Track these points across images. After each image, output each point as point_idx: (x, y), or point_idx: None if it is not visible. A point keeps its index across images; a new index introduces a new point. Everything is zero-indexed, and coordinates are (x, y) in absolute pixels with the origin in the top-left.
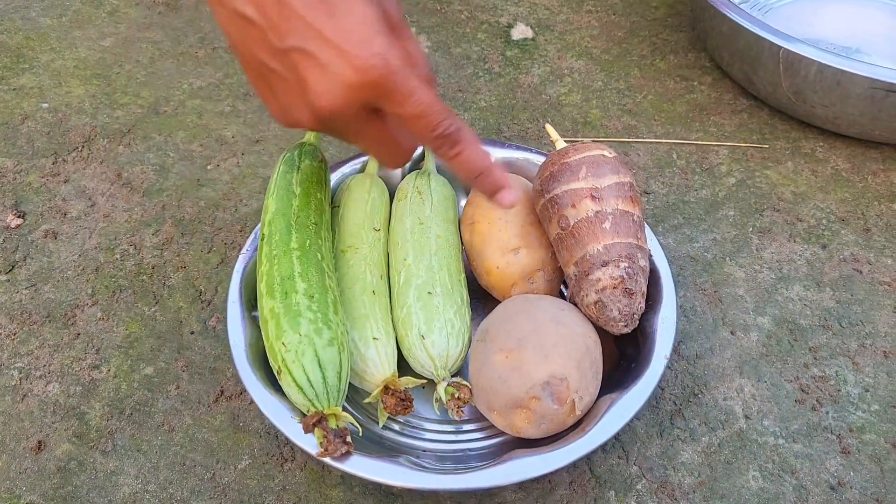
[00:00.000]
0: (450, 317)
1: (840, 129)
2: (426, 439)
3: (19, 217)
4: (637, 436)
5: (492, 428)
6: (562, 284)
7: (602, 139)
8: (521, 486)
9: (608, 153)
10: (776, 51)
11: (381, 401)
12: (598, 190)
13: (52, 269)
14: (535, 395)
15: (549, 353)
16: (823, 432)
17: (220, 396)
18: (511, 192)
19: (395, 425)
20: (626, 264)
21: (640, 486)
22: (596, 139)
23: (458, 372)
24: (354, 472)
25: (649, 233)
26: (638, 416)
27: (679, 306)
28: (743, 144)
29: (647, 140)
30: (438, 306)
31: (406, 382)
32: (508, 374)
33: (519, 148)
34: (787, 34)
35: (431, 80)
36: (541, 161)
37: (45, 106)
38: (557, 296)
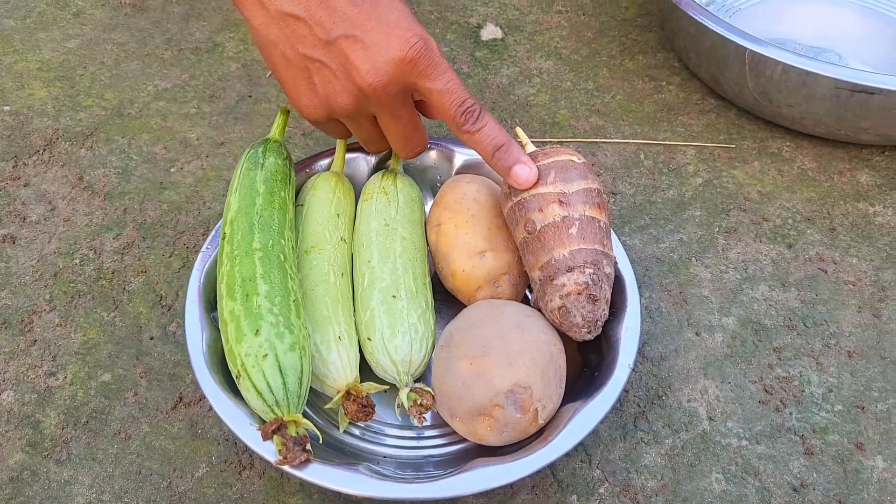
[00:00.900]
0: (413, 321)
1: (806, 128)
2: (388, 445)
3: None
4: (600, 439)
5: (454, 434)
6: (527, 289)
7: (570, 139)
8: (483, 492)
9: (577, 159)
10: (742, 52)
11: (343, 406)
12: (565, 195)
13: (9, 275)
14: (498, 403)
15: (513, 360)
16: (787, 433)
17: (178, 403)
18: (527, 168)
19: (356, 430)
20: (592, 270)
21: (602, 490)
22: (564, 140)
23: (422, 377)
24: (313, 481)
25: (614, 239)
26: (596, 427)
27: (644, 309)
28: (710, 144)
29: (614, 140)
30: (402, 310)
31: (368, 388)
32: (472, 381)
33: None
34: (753, 35)
35: None
36: None
37: (6, 108)
38: (523, 300)
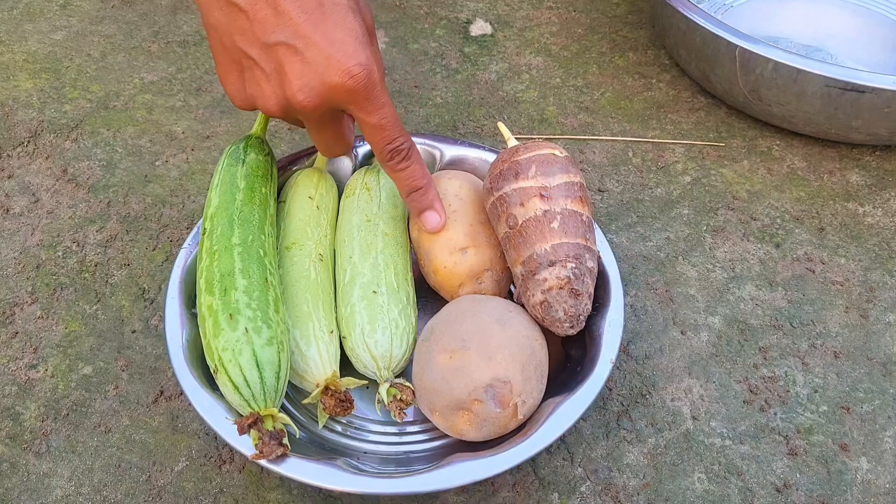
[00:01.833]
0: (394, 316)
1: (797, 127)
2: (369, 441)
3: None
4: (582, 437)
5: (435, 430)
6: (511, 285)
7: (558, 136)
8: (463, 488)
9: (559, 152)
10: (732, 49)
11: (321, 401)
12: (547, 189)
13: None
14: (477, 397)
15: (493, 354)
16: (771, 433)
17: (159, 397)
18: (437, 216)
19: (337, 426)
20: (574, 265)
21: (584, 489)
22: (551, 137)
23: (403, 373)
24: (291, 476)
25: (600, 235)
26: (584, 417)
27: (629, 306)
28: (699, 143)
29: (603, 138)
30: (383, 305)
31: (347, 383)
32: (451, 375)
33: (472, 145)
34: (744, 32)
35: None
36: (492, 158)
37: None
38: (506, 296)
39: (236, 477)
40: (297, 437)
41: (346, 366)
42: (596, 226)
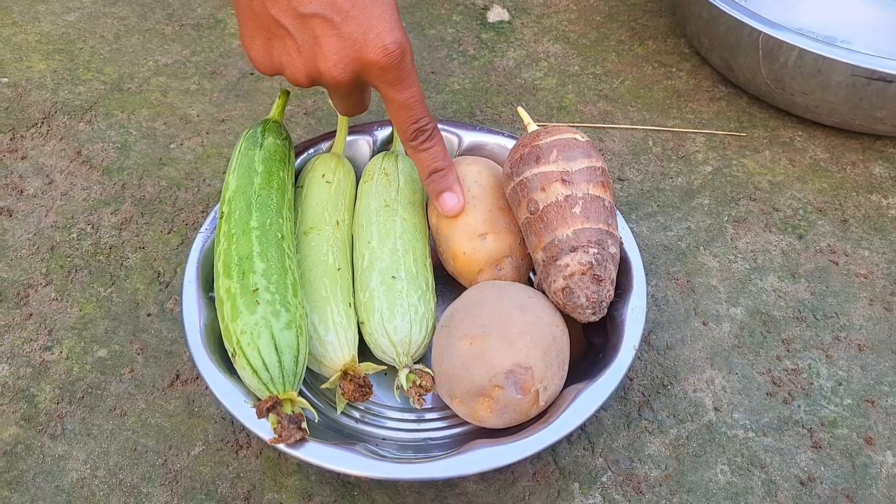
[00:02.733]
0: (413, 302)
1: (820, 117)
2: (387, 427)
3: None
4: (603, 427)
5: (454, 417)
6: (531, 272)
7: (577, 124)
8: (483, 476)
9: (580, 137)
10: (756, 36)
11: (340, 386)
12: (568, 174)
13: (5, 248)
14: (498, 383)
15: (514, 341)
16: (794, 426)
17: (175, 381)
18: (456, 198)
19: (355, 412)
20: (596, 250)
21: (605, 479)
22: (571, 124)
23: (422, 359)
24: (310, 460)
25: (621, 221)
26: (605, 406)
27: (650, 296)
28: (720, 132)
29: (622, 126)
30: (402, 291)
31: (366, 368)
32: (471, 361)
33: (490, 131)
34: (768, 19)
35: None
36: (511, 144)
37: (4, 80)
38: (526, 283)
39: (253, 462)
40: (316, 421)
41: (363, 352)
42: (617, 212)
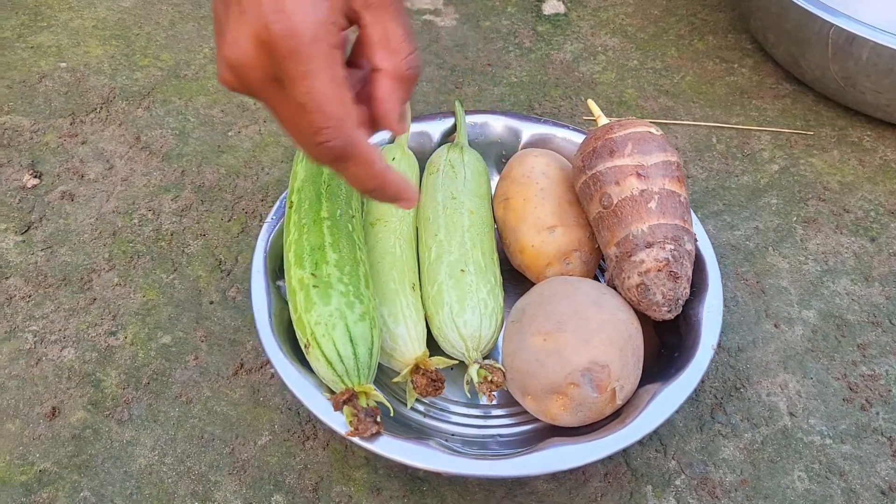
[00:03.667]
0: (483, 296)
1: (891, 117)
2: (453, 423)
3: (36, 177)
4: (675, 429)
5: (522, 414)
6: (598, 268)
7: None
8: (554, 476)
9: (655, 130)
10: (826, 31)
11: (411, 381)
12: (643, 168)
13: (68, 232)
14: (573, 381)
15: (590, 337)
16: (873, 434)
17: (239, 369)
18: (409, 193)
19: (420, 407)
20: (672, 247)
21: (678, 482)
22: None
23: (489, 355)
24: (383, 453)
25: (694, 218)
26: (678, 410)
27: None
28: (786, 130)
29: (685, 122)
30: (471, 285)
31: (437, 362)
32: (546, 357)
33: (555, 124)
34: (841, 12)
35: (404, 75)
36: (578, 138)
37: (62, 65)
38: (594, 279)
39: (320, 454)
40: (392, 415)
41: (428, 345)
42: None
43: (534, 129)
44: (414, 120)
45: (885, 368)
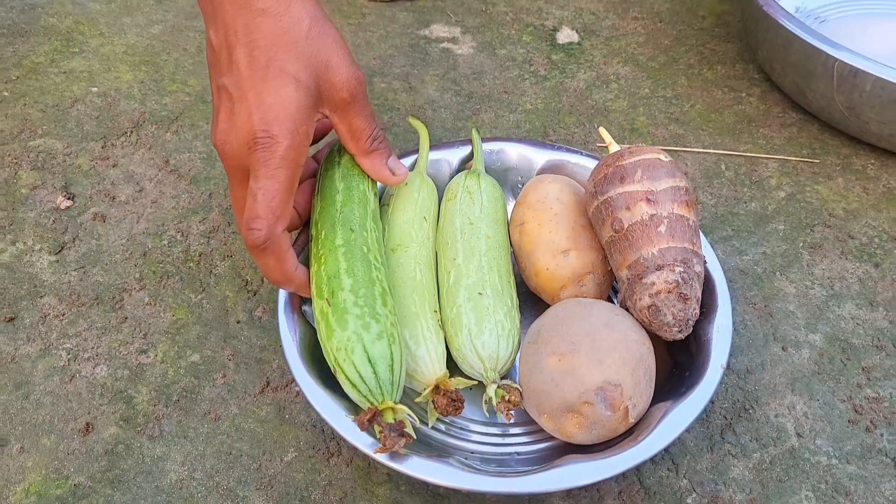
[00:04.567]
0: (500, 318)
1: (894, 146)
2: (472, 441)
3: (69, 199)
4: (687, 448)
5: (539, 432)
6: (611, 290)
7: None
8: (569, 493)
9: (664, 157)
10: (831, 63)
11: (432, 401)
12: (653, 193)
13: (100, 252)
14: (587, 399)
15: (603, 358)
16: (878, 455)
17: (265, 387)
18: (307, 291)
19: (441, 426)
20: (682, 269)
21: (690, 500)
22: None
23: (507, 375)
24: (405, 471)
25: (704, 241)
26: (688, 428)
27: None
28: (793, 158)
29: (695, 150)
30: (489, 307)
31: (457, 383)
32: (561, 377)
33: (568, 150)
34: (845, 46)
35: (369, 151)
36: (591, 164)
37: (94, 90)
38: (607, 301)
39: (344, 470)
40: (418, 425)
41: (447, 365)
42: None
43: (548, 156)
44: (432, 148)
45: (889, 391)
